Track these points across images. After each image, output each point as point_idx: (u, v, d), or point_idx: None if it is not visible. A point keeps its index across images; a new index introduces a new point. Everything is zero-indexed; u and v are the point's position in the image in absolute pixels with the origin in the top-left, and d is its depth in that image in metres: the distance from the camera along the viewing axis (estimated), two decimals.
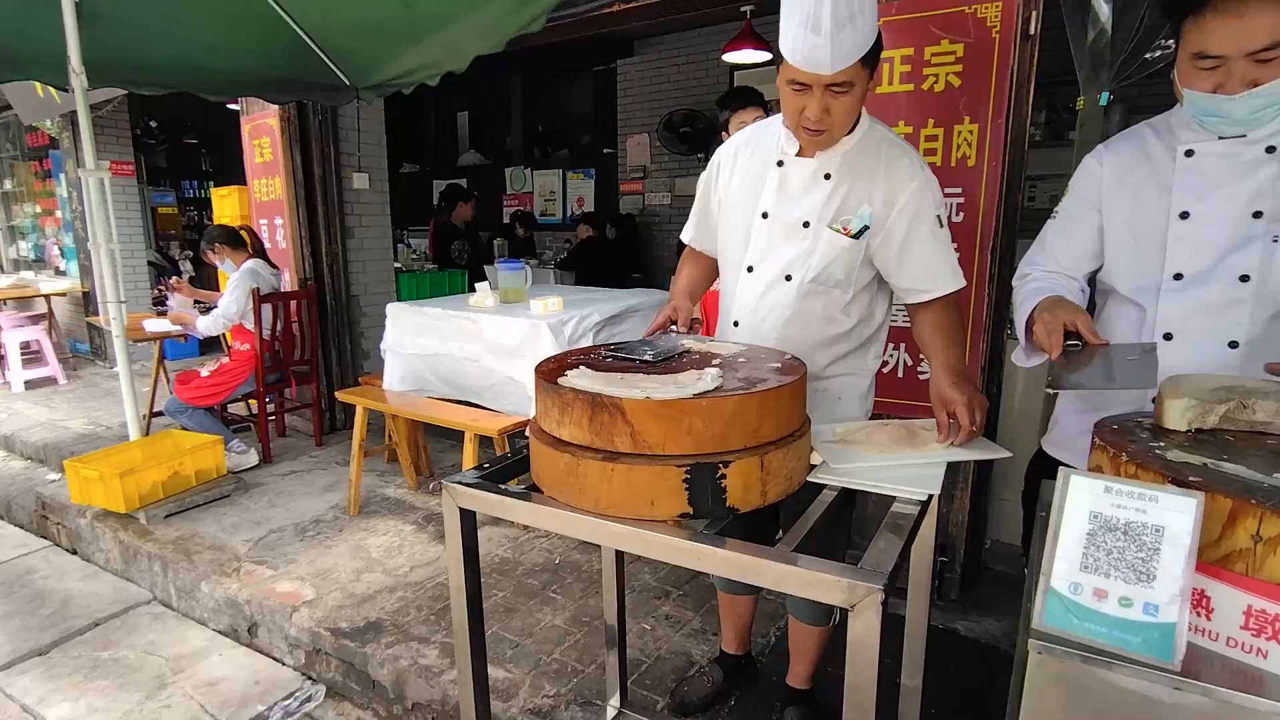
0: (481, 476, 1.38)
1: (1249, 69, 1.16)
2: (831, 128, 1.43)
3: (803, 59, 1.33)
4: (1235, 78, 1.18)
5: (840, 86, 1.36)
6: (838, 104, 1.39)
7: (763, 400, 1.18)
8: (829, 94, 1.37)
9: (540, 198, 8.74)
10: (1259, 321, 1.28)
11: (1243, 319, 1.28)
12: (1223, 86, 1.20)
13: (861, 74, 1.38)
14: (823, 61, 1.31)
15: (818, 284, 1.58)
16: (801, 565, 0.99)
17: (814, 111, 1.39)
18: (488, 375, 3.32)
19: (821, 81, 1.35)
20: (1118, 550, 0.77)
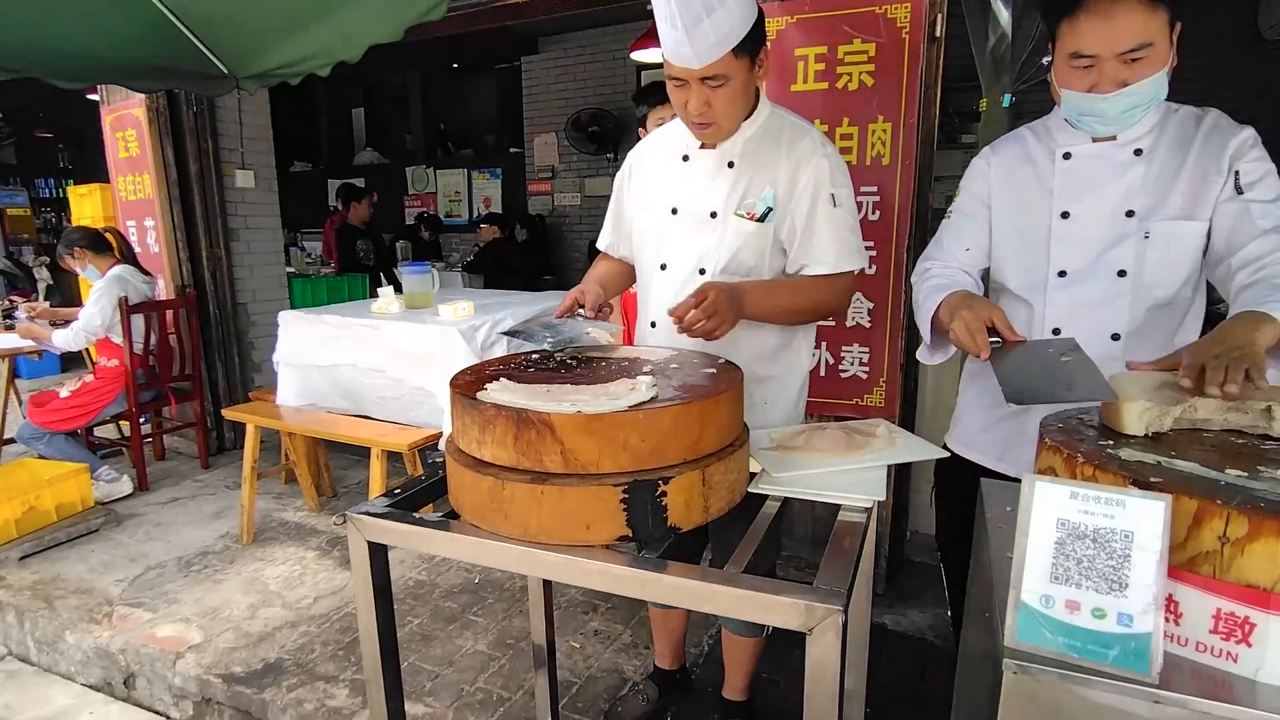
0: (392, 504, 1.24)
1: (1119, 69, 1.22)
2: (717, 120, 1.43)
3: (671, 54, 1.35)
4: (1107, 78, 1.23)
5: (714, 80, 1.35)
6: (717, 96, 1.38)
7: (703, 410, 1.10)
8: (706, 88, 1.37)
9: (445, 198, 8.43)
10: (1137, 314, 1.34)
11: (1122, 312, 1.34)
12: (1096, 86, 1.25)
13: (737, 65, 1.36)
14: (687, 56, 1.32)
15: (729, 274, 1.54)
16: (755, 589, 0.92)
17: (694, 105, 1.39)
18: (395, 386, 3.12)
19: (694, 76, 1.35)
20: (1088, 559, 0.74)
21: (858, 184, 2.29)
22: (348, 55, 3.09)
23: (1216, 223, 1.29)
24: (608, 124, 6.80)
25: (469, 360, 2.91)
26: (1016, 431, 1.50)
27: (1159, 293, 1.34)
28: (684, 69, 1.35)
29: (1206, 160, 1.29)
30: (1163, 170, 1.31)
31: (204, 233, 4.14)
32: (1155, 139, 1.33)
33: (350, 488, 3.83)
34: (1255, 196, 1.25)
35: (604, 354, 1.44)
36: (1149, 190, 1.32)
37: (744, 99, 1.43)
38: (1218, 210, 1.28)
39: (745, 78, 1.39)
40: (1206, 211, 1.29)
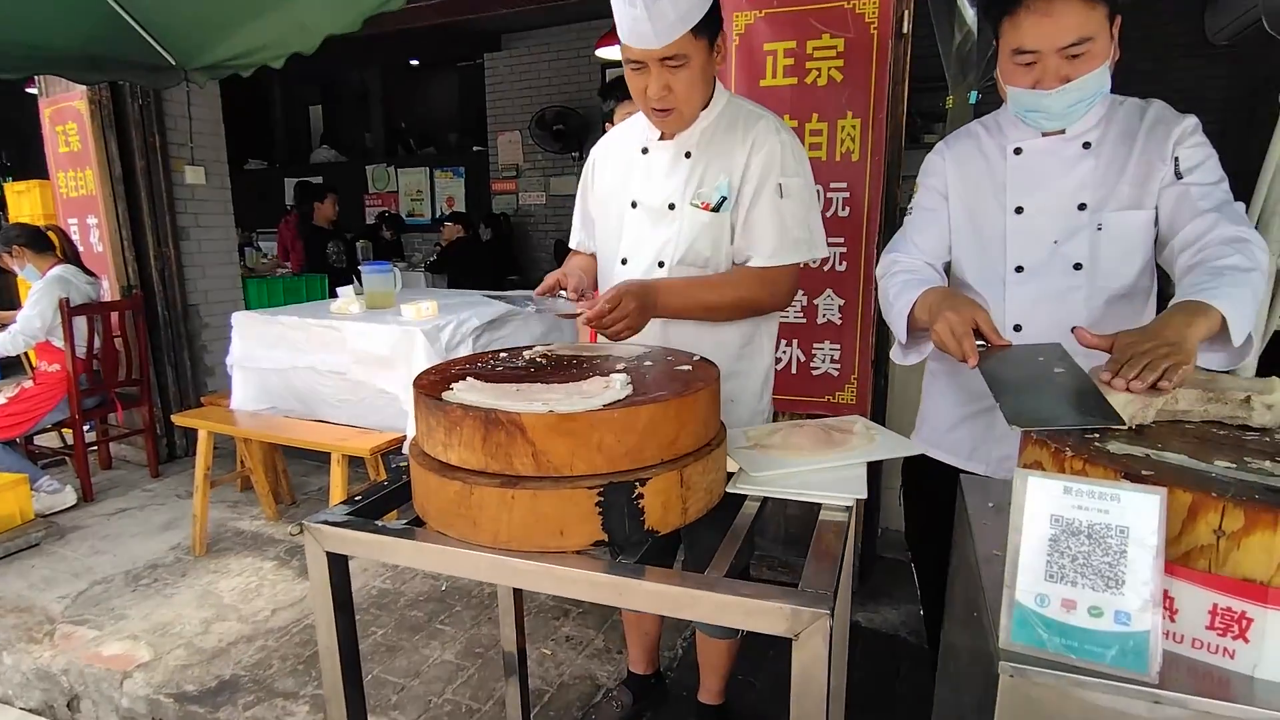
0: (353, 512, 1.17)
1: (1061, 65, 1.23)
2: (678, 105, 1.40)
3: (629, 35, 1.32)
4: (1050, 73, 1.24)
5: (674, 60, 1.33)
6: (676, 79, 1.36)
7: (680, 408, 1.05)
8: (665, 70, 1.34)
9: (406, 197, 8.26)
10: (1095, 307, 1.35)
11: (1080, 305, 1.35)
12: (1040, 82, 1.25)
13: (696, 46, 1.34)
14: (646, 35, 1.29)
15: (686, 265, 1.51)
16: (738, 594, 0.88)
17: (654, 89, 1.36)
18: (355, 389, 3.02)
19: (653, 57, 1.32)
20: (1083, 555, 0.71)
21: (827, 180, 2.29)
22: (303, 46, 2.98)
23: (1160, 208, 1.30)
24: (572, 122, 6.74)
25: (432, 361, 2.83)
26: (984, 429, 1.49)
27: (1116, 284, 1.35)
28: (643, 50, 1.32)
29: (1151, 150, 1.30)
30: (1111, 162, 1.32)
31: (151, 231, 3.96)
32: (1103, 131, 1.33)
33: (310, 494, 3.71)
34: (1195, 180, 1.26)
35: (575, 352, 1.39)
36: (1099, 182, 1.33)
37: (703, 84, 1.41)
38: (1161, 196, 1.30)
39: (704, 60, 1.37)
40: (1153, 200, 1.31)
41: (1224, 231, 1.19)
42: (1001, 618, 0.73)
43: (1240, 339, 1.07)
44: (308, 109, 9.70)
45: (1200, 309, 1.05)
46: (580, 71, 6.78)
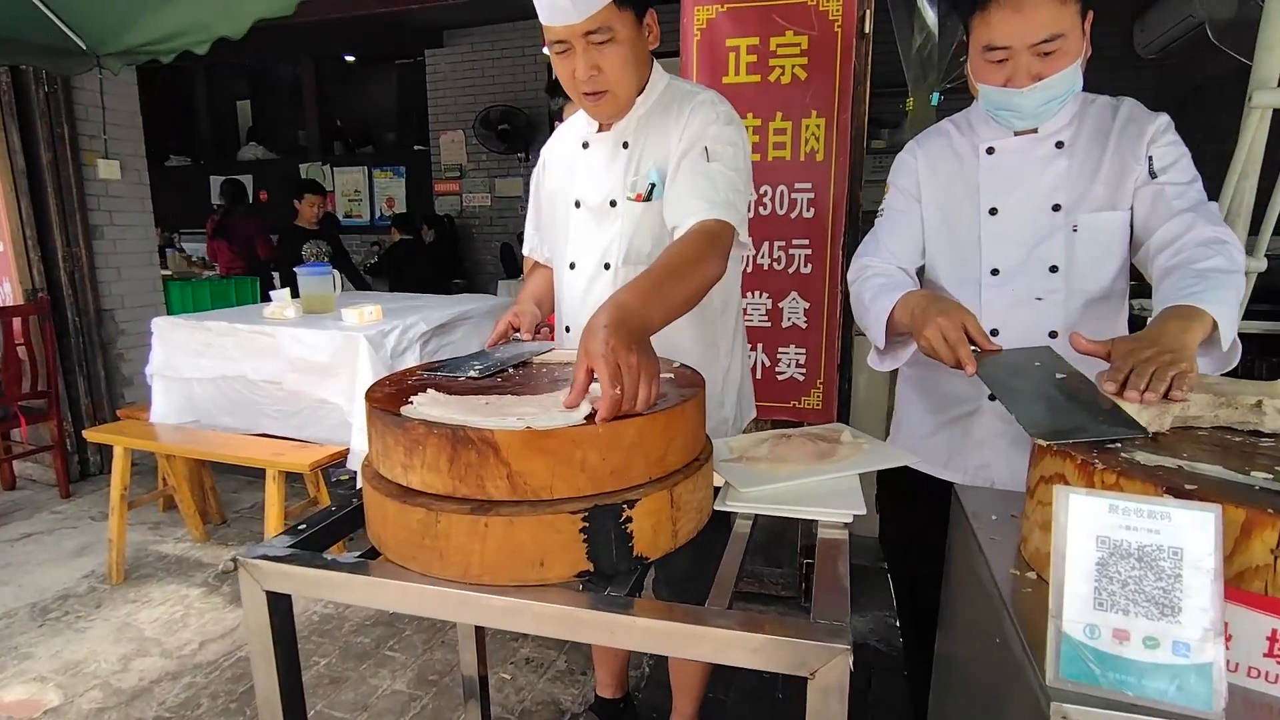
0: (296, 544, 1.03)
1: (1033, 62, 1.19)
2: (610, 86, 1.29)
3: (547, 11, 1.22)
4: (1021, 71, 1.20)
5: (598, 34, 1.23)
6: (605, 57, 1.26)
7: (668, 421, 0.96)
8: (592, 48, 1.25)
9: (343, 197, 7.93)
10: (1073, 310, 1.32)
11: (1058, 309, 1.32)
12: (1011, 80, 1.22)
13: (622, 19, 1.24)
14: (566, 9, 1.19)
15: (630, 264, 1.41)
16: (749, 631, 0.78)
17: (582, 70, 1.26)
18: (292, 399, 2.82)
19: (577, 34, 1.23)
20: (1134, 580, 0.65)
21: (792, 180, 2.24)
22: (230, 31, 2.77)
23: (1135, 208, 1.28)
24: (518, 121, 6.58)
25: (377, 369, 2.66)
26: (960, 437, 1.44)
27: (1092, 286, 1.32)
28: (565, 27, 1.22)
29: (1125, 149, 1.27)
30: (1084, 162, 1.29)
31: (59, 229, 3.64)
32: (1075, 131, 1.30)
33: (242, 513, 3.46)
34: (1169, 179, 1.24)
35: (544, 361, 1.28)
36: (1073, 182, 1.29)
37: (635, 63, 1.30)
38: (1136, 196, 1.27)
39: (632, 35, 1.27)
40: (1127, 200, 1.28)
41: (1202, 232, 1.17)
42: (1048, 651, 0.66)
43: (1229, 343, 1.05)
44: (235, 103, 9.23)
45: (1193, 313, 1.02)
46: (526, 70, 6.63)
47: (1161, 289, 1.14)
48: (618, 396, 0.89)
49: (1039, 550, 0.88)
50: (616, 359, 0.90)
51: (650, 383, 0.93)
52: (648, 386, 0.92)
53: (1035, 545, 0.89)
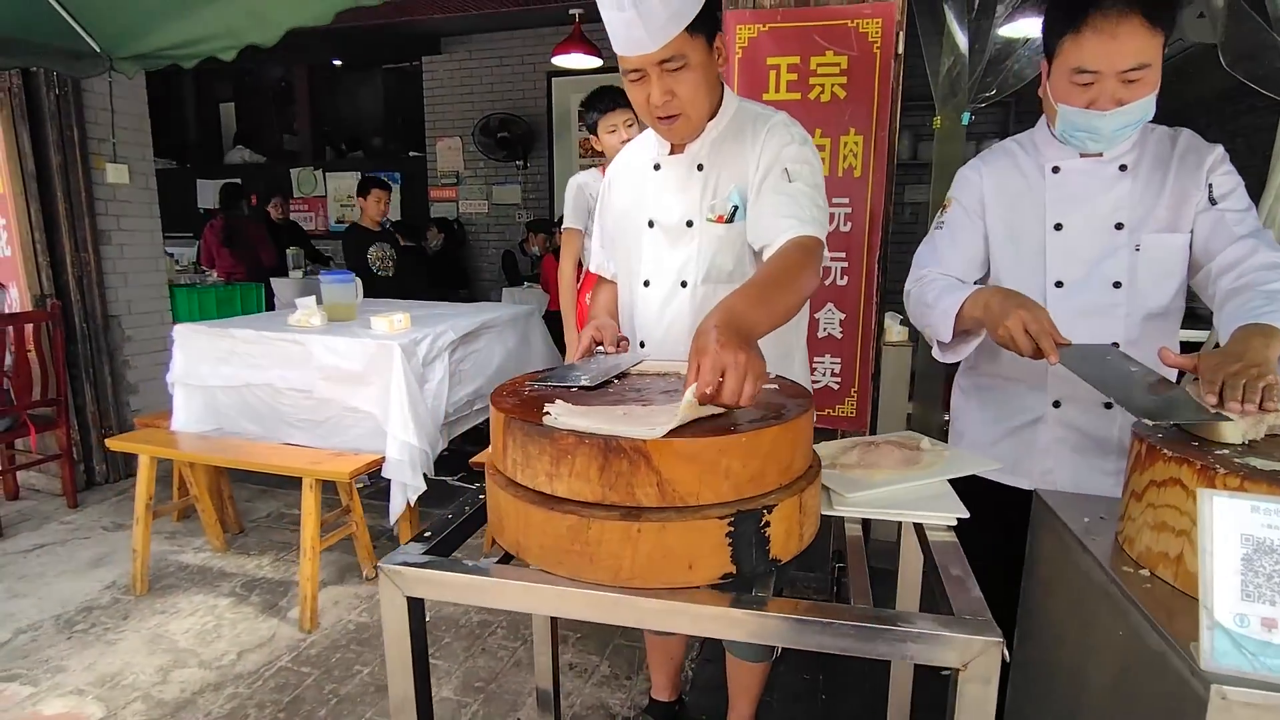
0: (430, 550, 1.06)
1: (1118, 88, 1.27)
2: (685, 109, 1.34)
3: (623, 42, 1.26)
4: (1106, 95, 1.27)
5: (672, 62, 1.27)
6: (680, 82, 1.30)
7: (795, 430, 1.01)
8: (666, 74, 1.29)
9: (335, 203, 7.86)
10: (1134, 323, 1.40)
11: (1119, 322, 1.39)
12: (1094, 103, 1.29)
13: (694, 45, 1.28)
14: (641, 39, 1.23)
15: (711, 283, 1.47)
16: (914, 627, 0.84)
17: (657, 96, 1.30)
18: (322, 407, 2.82)
19: (652, 62, 1.27)
20: (1278, 574, 0.72)
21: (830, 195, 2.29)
22: (261, 39, 2.77)
23: (1196, 232, 1.36)
24: (518, 130, 6.60)
25: (410, 377, 2.68)
26: (1026, 444, 1.51)
27: (1152, 303, 1.40)
28: (640, 56, 1.26)
29: (1185, 176, 1.36)
30: (1147, 185, 1.37)
31: (68, 234, 3.58)
32: (1138, 156, 1.39)
33: (258, 522, 3.43)
34: (1229, 206, 1.33)
35: (641, 371, 1.33)
36: (1135, 204, 1.37)
37: (707, 86, 1.35)
38: (1196, 221, 1.35)
39: (704, 59, 1.31)
40: (1188, 224, 1.36)
41: (1265, 257, 1.25)
42: (1202, 640, 0.73)
43: None
44: (219, 107, 9.10)
45: (1271, 331, 1.10)
46: (525, 79, 6.66)
47: (1227, 309, 1.22)
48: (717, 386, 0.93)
49: (1150, 549, 0.95)
50: (722, 355, 0.94)
51: (756, 381, 0.95)
52: (753, 384, 0.95)
53: (1145, 544, 0.96)
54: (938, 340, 1.44)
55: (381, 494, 2.89)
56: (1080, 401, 1.43)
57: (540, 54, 6.32)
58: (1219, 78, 2.07)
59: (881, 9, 2.19)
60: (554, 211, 6.64)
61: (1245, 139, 3.82)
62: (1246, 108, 3.82)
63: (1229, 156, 1.38)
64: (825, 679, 2.26)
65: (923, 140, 5.27)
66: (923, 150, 5.32)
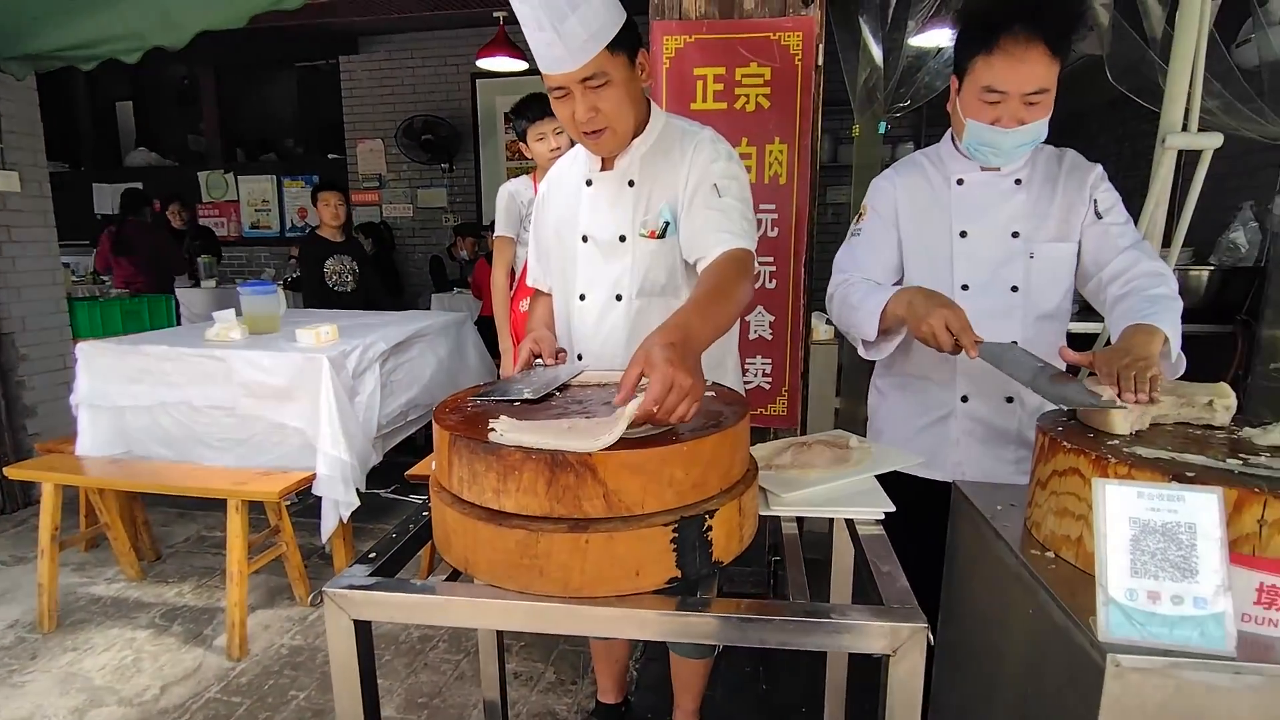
0: (375, 571, 1.06)
1: (1020, 109, 1.38)
2: (609, 124, 1.37)
3: (546, 61, 1.30)
4: (1009, 114, 1.39)
5: (594, 80, 1.31)
6: (602, 99, 1.33)
7: (734, 436, 1.06)
8: (589, 91, 1.32)
9: (249, 207, 7.52)
10: (1030, 323, 1.53)
11: (1017, 322, 1.52)
12: (999, 121, 1.41)
13: (615, 63, 1.32)
14: (562, 58, 1.27)
15: (645, 296, 1.51)
16: (833, 617, 0.90)
17: (581, 112, 1.34)
18: (245, 425, 2.71)
19: (574, 79, 1.30)
20: (1160, 551, 0.81)
21: (757, 202, 2.37)
22: (169, 41, 2.65)
23: (1084, 244, 1.51)
24: (443, 132, 6.48)
25: (339, 391, 2.61)
26: (939, 438, 1.61)
27: (1045, 305, 1.53)
28: (563, 75, 1.30)
29: (1071, 191, 1.50)
30: (1039, 198, 1.51)
31: None
32: (1030, 172, 1.52)
33: (177, 547, 3.26)
34: (1112, 220, 1.49)
35: (581, 383, 1.35)
36: (1029, 215, 1.51)
37: (630, 101, 1.38)
38: (1084, 234, 1.50)
39: (626, 76, 1.35)
40: (1075, 234, 1.51)
41: (1147, 266, 1.41)
42: (1098, 614, 0.81)
43: (1176, 355, 1.27)
44: (115, 105, 8.55)
45: (1152, 330, 1.23)
46: (449, 81, 6.55)
47: (1116, 312, 1.36)
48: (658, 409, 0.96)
49: (1054, 533, 1.04)
50: (673, 375, 0.97)
51: (696, 404, 1.01)
52: (687, 407, 0.99)
53: (1050, 529, 1.05)
54: (863, 339, 1.52)
55: (312, 511, 2.80)
56: (985, 396, 1.54)
57: (464, 56, 6.22)
58: (1108, 88, 2.25)
59: (802, 23, 2.29)
60: (482, 215, 6.56)
61: (1131, 144, 4.15)
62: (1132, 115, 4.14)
63: (1118, 160, 1.52)
64: (765, 669, 2.34)
65: (843, 144, 5.47)
66: (843, 153, 5.53)
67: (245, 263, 7.54)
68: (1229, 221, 2.92)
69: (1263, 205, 2.83)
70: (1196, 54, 1.69)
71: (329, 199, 4.05)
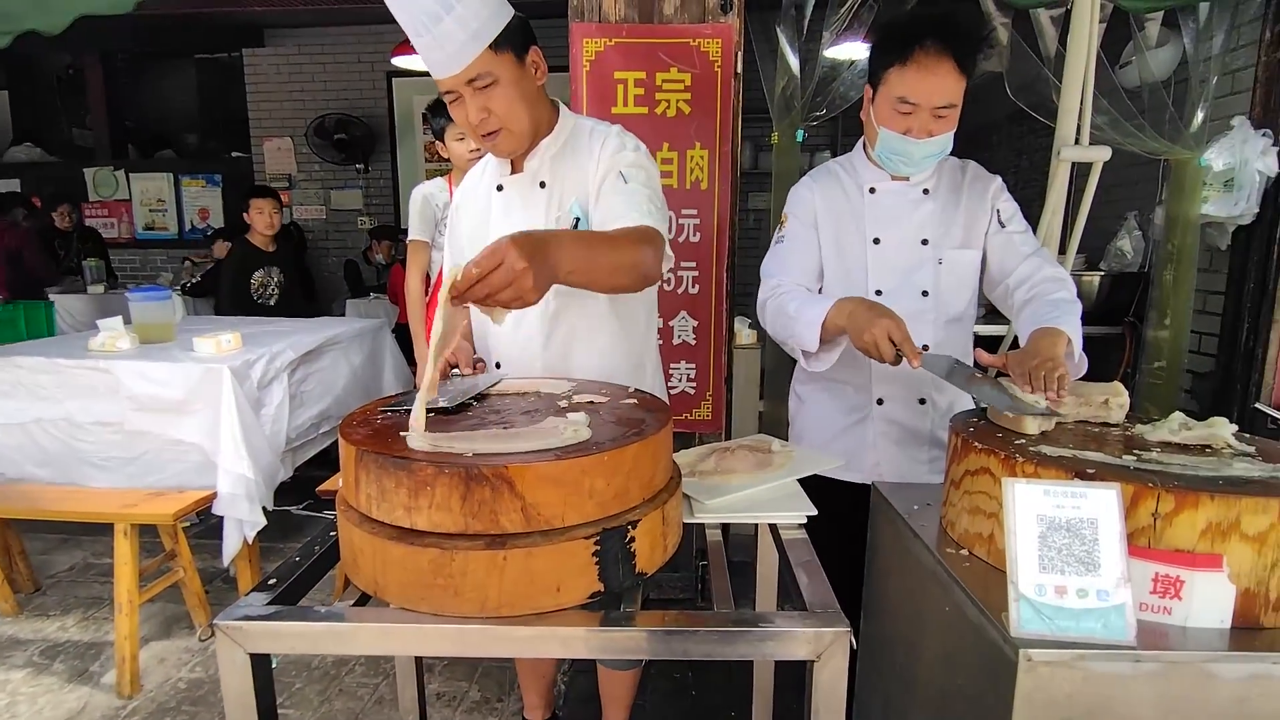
0: (274, 600, 0.98)
1: (930, 121, 1.44)
2: (503, 124, 1.34)
3: (429, 65, 1.28)
4: (920, 125, 1.45)
5: (479, 80, 1.28)
6: (492, 99, 1.30)
7: (656, 444, 1.04)
8: (478, 93, 1.29)
9: (143, 207, 7.02)
10: (939, 327, 1.59)
11: (929, 326, 1.58)
12: (911, 131, 1.46)
13: (501, 62, 1.28)
14: (443, 61, 1.25)
15: (561, 295, 1.46)
16: (758, 625, 0.89)
17: (473, 114, 1.31)
18: (134, 441, 2.51)
19: (460, 82, 1.28)
20: (1066, 547, 0.84)
21: (679, 207, 2.40)
22: (45, 25, 2.42)
23: (989, 252, 1.58)
24: (356, 131, 6.24)
25: (242, 403, 2.45)
26: (858, 440, 1.65)
27: (953, 310, 1.59)
28: (450, 79, 1.27)
29: (974, 201, 1.57)
30: (945, 207, 1.57)
31: None
32: (937, 182, 1.59)
33: (59, 577, 2.99)
34: (1014, 229, 1.57)
35: (500, 393, 1.30)
36: (937, 223, 1.57)
37: (525, 101, 1.34)
38: (988, 242, 1.57)
39: (515, 75, 1.31)
40: (979, 242, 1.58)
41: (1049, 272, 1.49)
42: (1010, 610, 0.83)
43: (1079, 356, 1.34)
44: None
45: (1056, 333, 1.29)
46: (363, 78, 6.31)
47: (1023, 316, 1.43)
48: (484, 274, 0.93)
49: (968, 531, 1.07)
50: (506, 254, 0.94)
51: (512, 298, 0.96)
52: (509, 297, 0.96)
53: (964, 527, 1.08)
54: (804, 350, 1.51)
55: (215, 532, 2.61)
56: (899, 399, 1.59)
57: (379, 53, 6.01)
58: (1007, 103, 2.37)
59: (721, 29, 2.30)
60: (399, 218, 6.34)
61: (1029, 157, 4.41)
62: (1029, 129, 4.40)
63: (1016, 172, 1.60)
64: (695, 675, 2.33)
65: (763, 151, 5.59)
66: (764, 160, 5.64)
67: (139, 267, 7.03)
68: (1116, 230, 3.13)
69: (1145, 215, 3.06)
70: (1086, 73, 1.79)
71: (263, 206, 3.78)
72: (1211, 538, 0.84)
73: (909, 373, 1.47)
